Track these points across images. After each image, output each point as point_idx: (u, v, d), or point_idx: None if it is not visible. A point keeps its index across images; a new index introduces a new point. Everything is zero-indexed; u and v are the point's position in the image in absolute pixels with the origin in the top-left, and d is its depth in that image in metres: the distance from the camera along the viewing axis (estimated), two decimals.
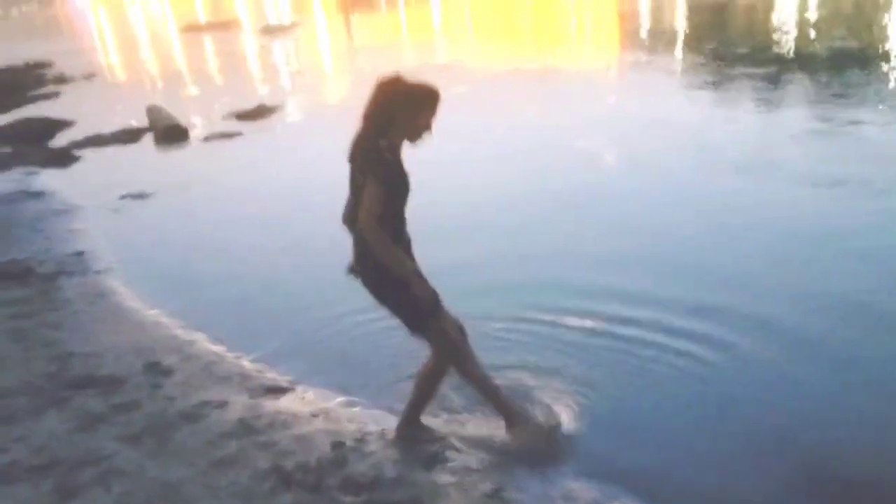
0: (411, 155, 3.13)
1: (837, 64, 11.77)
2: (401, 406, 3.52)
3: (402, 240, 3.10)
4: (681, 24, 18.98)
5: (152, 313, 5.16)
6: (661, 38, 16.86)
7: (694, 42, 15.97)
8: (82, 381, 4.02)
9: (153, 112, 12.33)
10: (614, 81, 13.14)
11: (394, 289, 3.03)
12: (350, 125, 3.10)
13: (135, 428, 3.51)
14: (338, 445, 3.38)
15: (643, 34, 18.00)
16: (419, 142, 3.07)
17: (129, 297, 5.49)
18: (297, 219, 6.76)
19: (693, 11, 20.27)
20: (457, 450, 3.33)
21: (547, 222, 6.17)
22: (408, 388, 3.50)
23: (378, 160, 2.92)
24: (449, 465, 3.21)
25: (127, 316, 5.10)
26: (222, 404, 3.78)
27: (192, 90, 16.92)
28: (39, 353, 4.43)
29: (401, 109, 2.94)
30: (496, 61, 15.85)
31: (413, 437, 3.41)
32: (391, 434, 3.43)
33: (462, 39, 22.30)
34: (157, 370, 4.18)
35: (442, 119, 3.09)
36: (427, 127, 3.03)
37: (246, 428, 3.53)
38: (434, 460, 3.25)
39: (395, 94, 2.97)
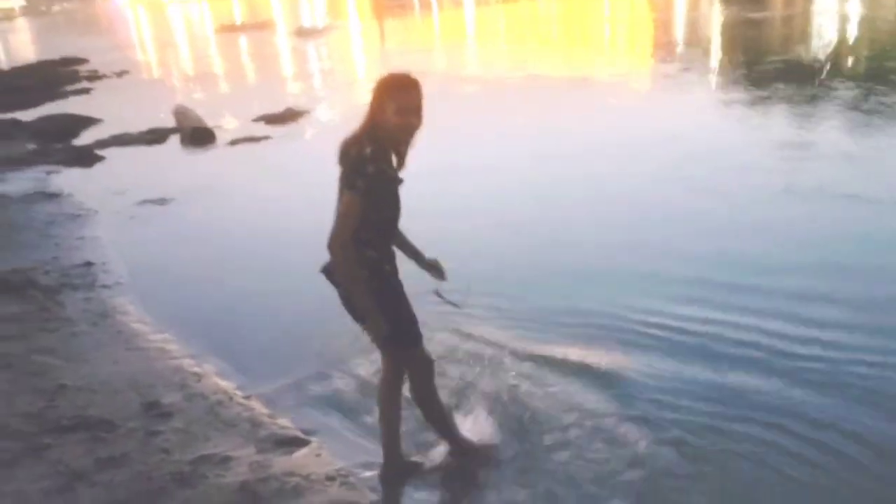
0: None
1: (875, 81, 10.92)
2: (437, 475, 3.00)
3: (385, 258, 2.85)
4: (715, 36, 18.18)
5: (159, 338, 4.66)
6: (695, 50, 16.12)
7: (728, 56, 15.16)
8: (69, 423, 3.51)
9: (180, 112, 11.97)
10: (638, 95, 12.38)
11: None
12: None
13: (119, 492, 2.97)
14: None
15: (677, 46, 17.29)
16: (409, 139, 2.75)
17: (135, 317, 5.00)
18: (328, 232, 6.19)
19: (728, 25, 19.40)
20: None
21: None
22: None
23: (359, 170, 2.63)
24: None
25: (131, 341, 4.59)
26: (225, 461, 3.23)
27: (222, 91, 16.62)
28: (26, 384, 3.93)
29: (376, 101, 2.70)
30: (524, 69, 15.23)
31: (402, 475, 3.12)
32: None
33: (493, 46, 21.75)
34: (155, 412, 3.66)
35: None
36: (400, 120, 2.68)
37: (249, 496, 2.98)
38: None
39: (375, 87, 2.74)
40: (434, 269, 3.10)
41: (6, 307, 4.98)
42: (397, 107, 2.68)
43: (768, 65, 12.75)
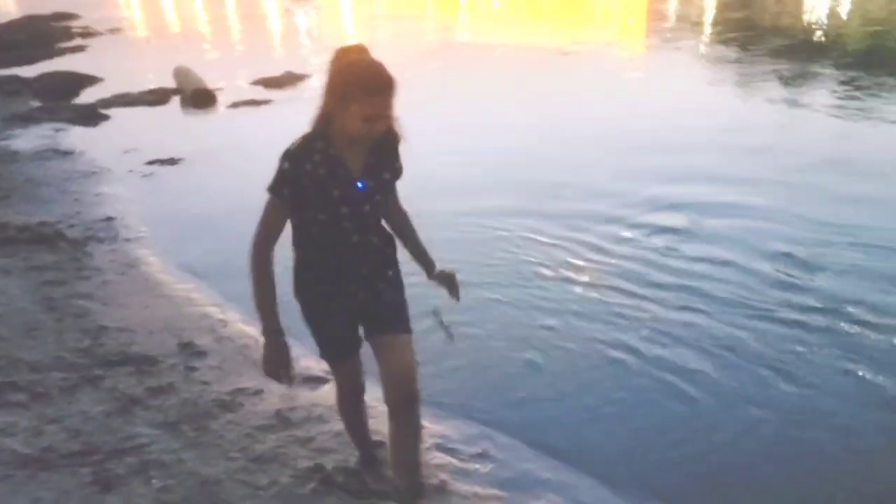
0: None
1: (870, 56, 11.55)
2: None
3: (310, 263, 2.64)
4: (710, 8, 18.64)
5: (183, 287, 5.07)
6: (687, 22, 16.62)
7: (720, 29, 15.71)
8: (116, 358, 3.95)
9: (181, 74, 12.19)
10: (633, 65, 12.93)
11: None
12: None
13: (171, 414, 3.43)
14: (377, 445, 3.29)
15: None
16: (361, 135, 2.30)
17: (159, 268, 5.40)
18: None
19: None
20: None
21: None
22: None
23: (279, 165, 2.34)
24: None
25: (158, 289, 5.01)
26: (258, 392, 3.69)
27: (218, 53, 16.75)
28: (72, 324, 4.35)
29: (337, 92, 2.25)
30: (516, 37, 15.58)
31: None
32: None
33: (488, 15, 21.95)
34: (191, 351, 4.10)
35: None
36: (362, 128, 2.26)
37: (283, 421, 3.44)
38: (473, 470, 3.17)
39: (333, 72, 2.28)
40: (445, 282, 2.68)
41: (41, 256, 5.37)
42: (363, 113, 2.22)
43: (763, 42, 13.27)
